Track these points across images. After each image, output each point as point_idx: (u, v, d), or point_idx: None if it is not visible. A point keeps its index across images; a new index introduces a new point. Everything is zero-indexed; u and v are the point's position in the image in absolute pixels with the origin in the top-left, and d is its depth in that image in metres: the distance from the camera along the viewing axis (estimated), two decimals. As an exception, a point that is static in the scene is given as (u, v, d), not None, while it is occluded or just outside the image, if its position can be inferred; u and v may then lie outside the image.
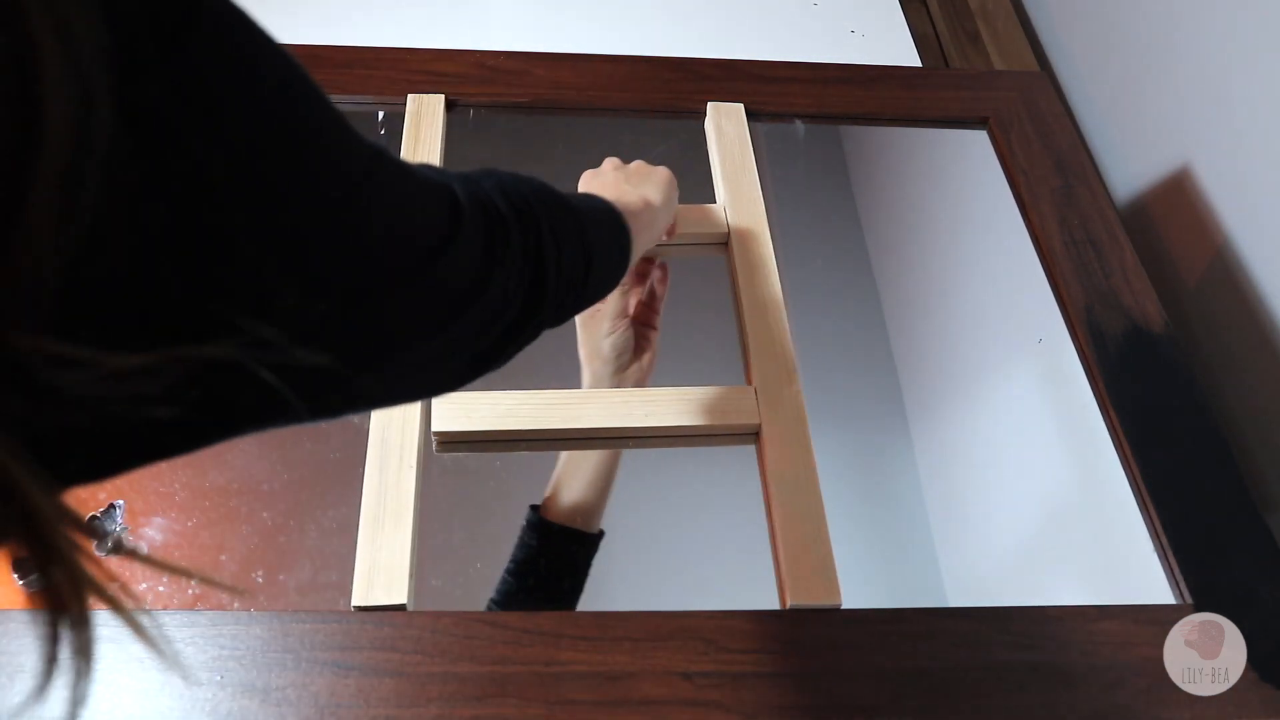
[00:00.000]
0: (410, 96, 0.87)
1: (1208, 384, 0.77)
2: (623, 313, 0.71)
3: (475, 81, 0.90)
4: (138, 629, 0.26)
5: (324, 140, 0.31)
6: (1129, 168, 0.96)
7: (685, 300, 0.85)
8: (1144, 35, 0.94)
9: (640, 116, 0.91)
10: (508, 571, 0.64)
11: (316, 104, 0.31)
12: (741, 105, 0.90)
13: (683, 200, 0.82)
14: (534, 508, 0.68)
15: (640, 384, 0.72)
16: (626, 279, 0.70)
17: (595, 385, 0.71)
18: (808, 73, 0.95)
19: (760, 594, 0.63)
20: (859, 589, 0.62)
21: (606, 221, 0.53)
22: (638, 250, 0.57)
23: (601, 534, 0.68)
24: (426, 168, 0.39)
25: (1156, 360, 0.75)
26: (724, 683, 0.57)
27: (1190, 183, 0.87)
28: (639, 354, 0.72)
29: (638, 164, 0.68)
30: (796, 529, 0.64)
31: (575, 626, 0.59)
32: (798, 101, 0.92)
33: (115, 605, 0.25)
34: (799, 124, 0.93)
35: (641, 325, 0.74)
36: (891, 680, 0.58)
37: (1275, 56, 0.77)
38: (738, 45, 1.04)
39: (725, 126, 0.88)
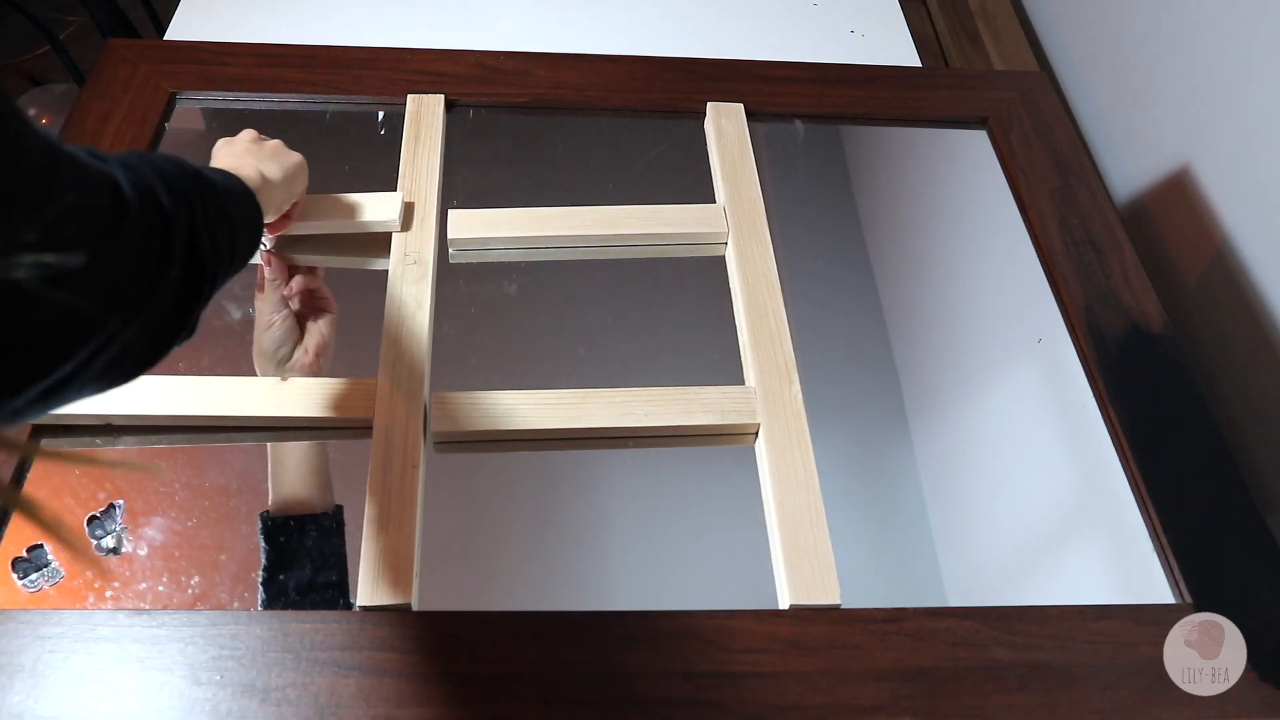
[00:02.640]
0: (410, 97, 0.87)
1: (1208, 384, 0.78)
2: (278, 305, 0.70)
3: (475, 81, 0.90)
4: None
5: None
6: (1129, 168, 0.96)
7: (685, 300, 0.85)
8: (1144, 35, 0.94)
9: (640, 117, 0.91)
10: (261, 584, 0.63)
11: None
12: (741, 105, 0.90)
13: (682, 200, 0.82)
14: (264, 515, 0.66)
15: (311, 373, 0.69)
16: (272, 273, 0.71)
17: (263, 378, 0.69)
18: (808, 73, 0.95)
19: (760, 594, 0.63)
20: (859, 589, 0.62)
21: (244, 199, 0.57)
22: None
23: (339, 508, 0.67)
24: (89, 152, 0.42)
25: (1156, 360, 0.75)
26: (724, 683, 0.57)
27: (1190, 183, 0.87)
28: (302, 342, 0.70)
29: (274, 144, 0.69)
30: (796, 529, 0.64)
31: (575, 626, 0.59)
32: (798, 101, 0.92)
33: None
34: (799, 124, 0.93)
35: (312, 310, 0.73)
36: (891, 680, 0.58)
37: (1275, 56, 0.77)
38: (737, 45, 1.04)
39: (725, 126, 0.88)
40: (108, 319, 0.39)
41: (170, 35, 0.99)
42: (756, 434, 0.70)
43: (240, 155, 0.65)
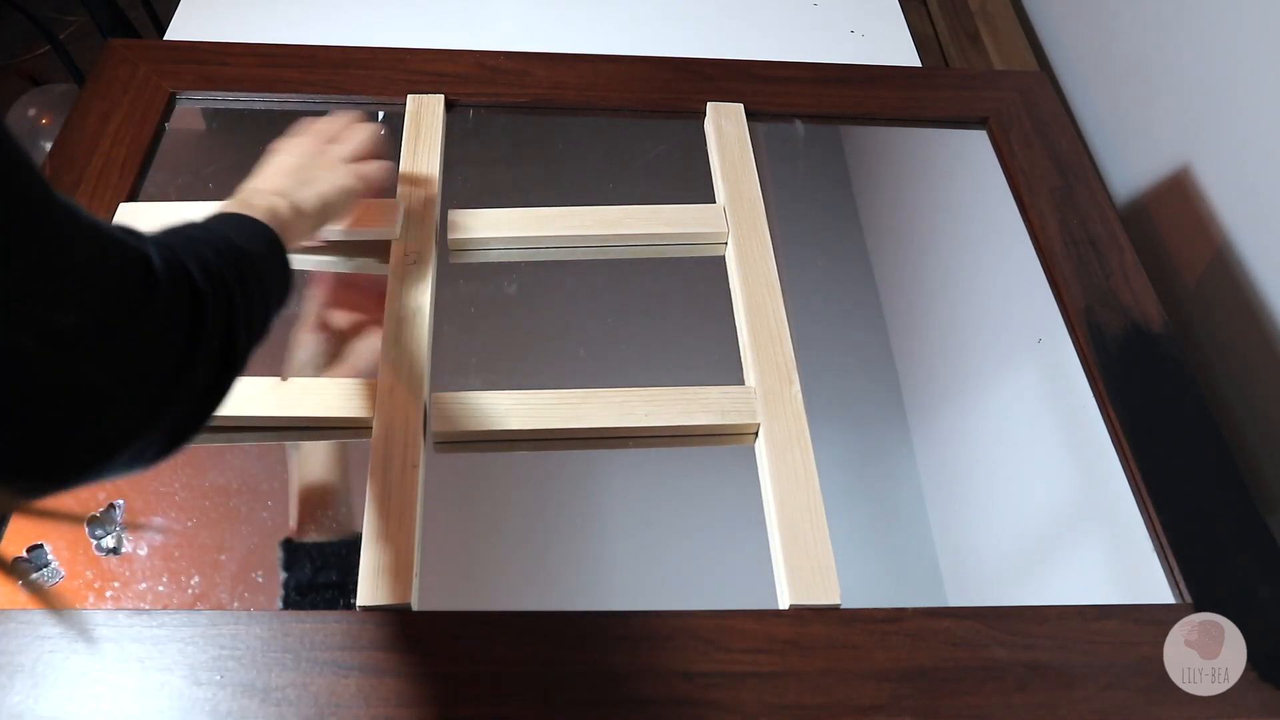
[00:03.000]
0: (410, 97, 0.87)
1: (1208, 384, 0.78)
2: (313, 325, 0.70)
3: (475, 81, 0.90)
4: None
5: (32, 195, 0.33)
6: (1129, 168, 0.96)
7: (685, 300, 0.85)
8: (1144, 35, 0.94)
9: (639, 117, 0.91)
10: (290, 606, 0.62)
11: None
12: (741, 105, 0.90)
13: (681, 200, 0.82)
14: (287, 543, 0.65)
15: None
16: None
17: (263, 379, 0.68)
18: (808, 73, 0.95)
19: (760, 594, 0.63)
20: (859, 589, 0.62)
21: (275, 259, 0.55)
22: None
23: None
24: (125, 231, 0.41)
25: (1156, 360, 0.75)
26: (724, 683, 0.57)
27: (1190, 183, 0.87)
28: (330, 360, 0.70)
29: (335, 157, 0.67)
30: (796, 529, 0.64)
31: (575, 626, 0.59)
32: (798, 101, 0.92)
33: None
34: (798, 124, 0.93)
35: (357, 326, 0.73)
36: (891, 680, 0.58)
37: (1275, 56, 0.77)
38: (737, 45, 1.04)
39: (725, 126, 0.88)
40: (136, 401, 0.38)
41: (170, 35, 0.99)
42: (756, 434, 0.70)
43: (283, 173, 0.64)
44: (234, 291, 0.45)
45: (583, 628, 0.59)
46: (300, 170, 0.65)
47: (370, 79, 0.89)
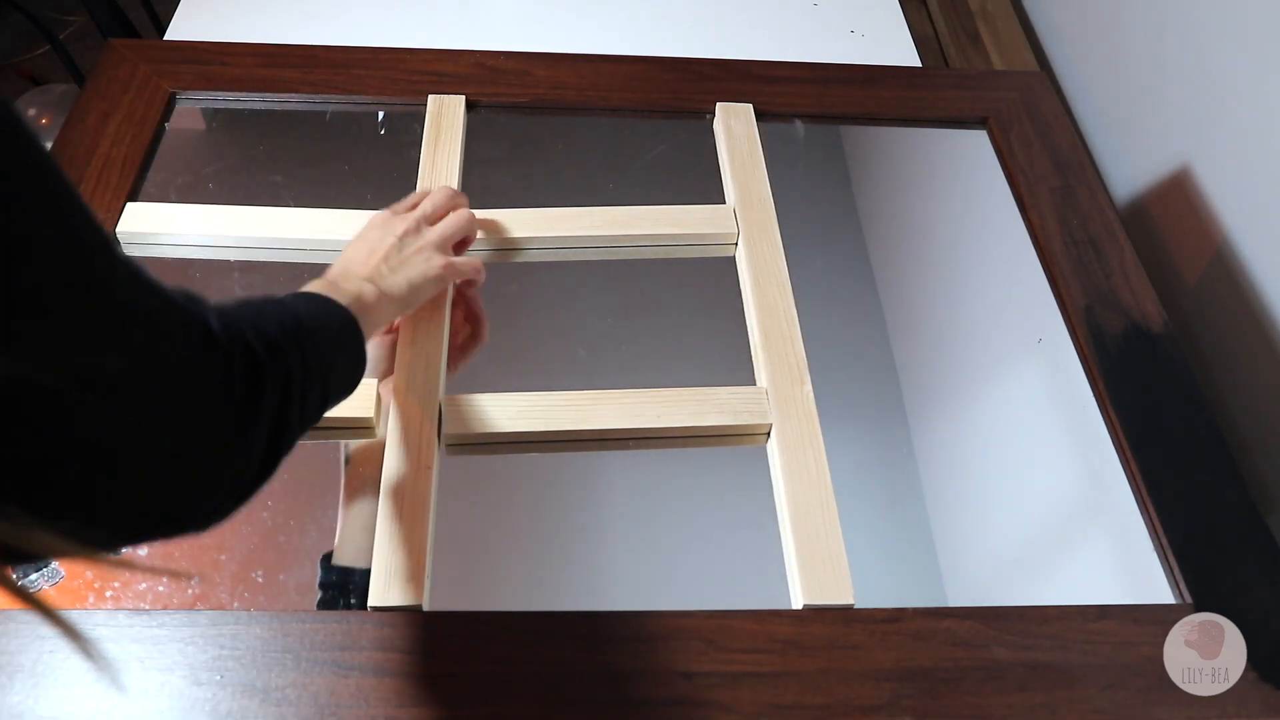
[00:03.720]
0: (431, 97, 0.87)
1: (1208, 384, 0.78)
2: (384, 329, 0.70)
3: (475, 81, 0.90)
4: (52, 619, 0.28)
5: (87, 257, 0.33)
6: (1129, 168, 0.96)
7: (695, 301, 0.85)
8: (1144, 35, 0.94)
9: (640, 117, 0.91)
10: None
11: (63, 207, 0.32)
12: (750, 106, 0.90)
13: (687, 201, 0.82)
14: (328, 562, 0.65)
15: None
16: None
17: None
18: (808, 73, 0.95)
19: (771, 594, 0.63)
20: (859, 589, 0.62)
21: (346, 338, 0.54)
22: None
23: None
24: (185, 295, 0.40)
25: (1156, 360, 0.75)
26: (724, 683, 0.57)
27: (1190, 183, 0.87)
28: (390, 366, 0.70)
29: (431, 241, 0.67)
30: (810, 529, 0.64)
31: (575, 626, 0.59)
32: (798, 101, 0.92)
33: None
34: (799, 124, 0.93)
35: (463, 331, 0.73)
36: (891, 680, 0.58)
37: (1275, 57, 0.77)
38: (737, 45, 1.04)
39: (734, 127, 0.88)
40: (192, 462, 0.38)
41: (170, 35, 0.99)
42: (768, 434, 0.69)
43: (378, 256, 0.63)
44: (292, 365, 0.44)
45: (582, 628, 0.59)
46: (394, 253, 0.64)
47: (370, 79, 0.89)
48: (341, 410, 0.67)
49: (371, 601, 0.58)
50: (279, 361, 0.43)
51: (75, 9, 1.88)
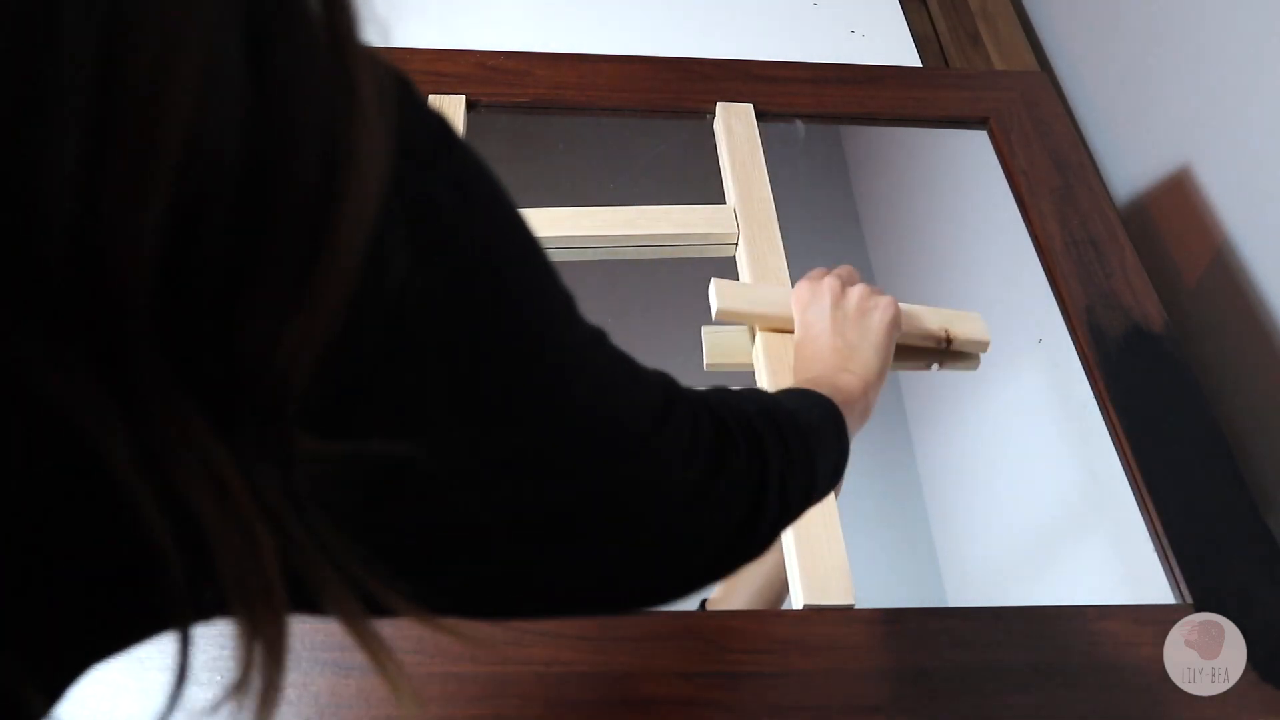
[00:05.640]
0: (431, 97, 0.87)
1: (1208, 384, 0.78)
2: None
3: (475, 81, 0.90)
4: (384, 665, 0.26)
5: (546, 331, 0.31)
6: (1129, 168, 0.96)
7: (694, 301, 0.85)
8: (1144, 36, 0.94)
9: (640, 117, 0.91)
10: None
11: (546, 285, 0.32)
12: (751, 106, 0.90)
13: (687, 201, 0.82)
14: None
15: None
16: None
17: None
18: (808, 73, 0.95)
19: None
20: (859, 589, 0.62)
21: (830, 438, 0.48)
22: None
23: None
24: (663, 376, 0.37)
25: (1156, 360, 0.75)
26: (724, 683, 0.57)
27: (1190, 183, 0.87)
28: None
29: (858, 295, 0.64)
30: (810, 530, 0.64)
31: (575, 626, 0.59)
32: (798, 101, 0.92)
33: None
34: (799, 124, 0.93)
35: None
36: (891, 680, 0.58)
37: (1275, 57, 0.77)
38: (737, 45, 1.04)
39: (735, 127, 0.88)
40: (709, 552, 0.37)
41: (170, 35, 0.99)
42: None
43: (835, 348, 0.61)
44: (769, 453, 0.40)
45: (583, 628, 0.59)
46: (840, 333, 0.62)
47: (370, 79, 0.89)
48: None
49: None
50: (754, 440, 0.40)
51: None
